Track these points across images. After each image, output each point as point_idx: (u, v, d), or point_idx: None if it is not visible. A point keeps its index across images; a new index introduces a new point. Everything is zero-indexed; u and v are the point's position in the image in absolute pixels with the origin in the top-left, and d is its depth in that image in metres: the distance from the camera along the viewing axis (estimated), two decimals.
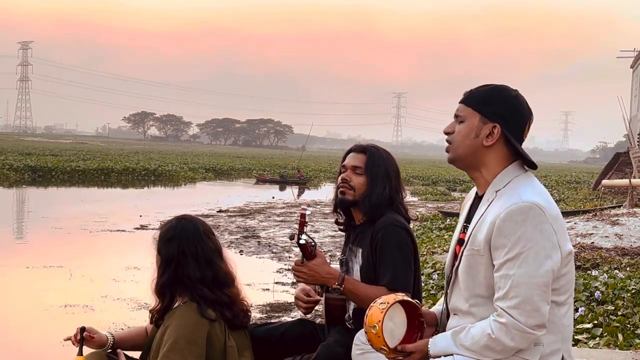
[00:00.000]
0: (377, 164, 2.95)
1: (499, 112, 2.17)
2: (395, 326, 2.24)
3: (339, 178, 2.99)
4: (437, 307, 2.50)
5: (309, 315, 4.51)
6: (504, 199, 2.12)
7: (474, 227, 2.19)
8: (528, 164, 2.21)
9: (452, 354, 2.14)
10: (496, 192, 2.17)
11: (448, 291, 2.31)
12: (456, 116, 2.25)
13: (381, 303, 2.22)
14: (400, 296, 2.27)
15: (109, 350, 2.77)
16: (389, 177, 2.95)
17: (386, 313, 2.18)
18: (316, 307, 3.17)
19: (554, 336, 2.11)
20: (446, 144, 2.30)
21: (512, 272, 2.03)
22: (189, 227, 2.67)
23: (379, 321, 2.16)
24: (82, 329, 2.69)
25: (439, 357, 2.15)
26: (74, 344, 2.71)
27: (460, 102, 2.26)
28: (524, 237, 2.03)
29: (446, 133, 2.27)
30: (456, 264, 2.25)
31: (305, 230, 2.74)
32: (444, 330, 2.29)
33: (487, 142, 2.18)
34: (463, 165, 2.26)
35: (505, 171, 2.19)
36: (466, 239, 2.22)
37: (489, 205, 2.17)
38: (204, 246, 2.66)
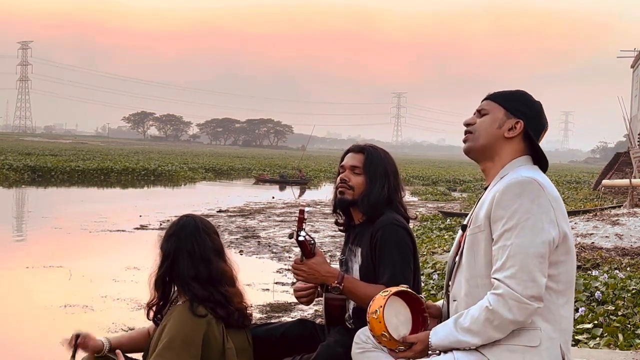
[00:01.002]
0: (375, 163, 2.96)
1: (524, 110, 2.28)
2: (400, 323, 2.25)
3: (338, 178, 3.00)
4: (441, 301, 2.50)
5: (309, 315, 4.49)
6: (505, 178, 2.20)
7: (476, 207, 2.25)
8: (540, 163, 2.28)
9: (451, 350, 2.14)
10: (501, 177, 2.24)
11: (450, 282, 2.33)
12: (478, 111, 2.34)
13: (384, 291, 2.25)
14: (404, 287, 2.28)
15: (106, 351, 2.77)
16: (387, 177, 2.96)
17: (388, 299, 2.19)
18: (316, 307, 3.17)
19: (551, 325, 2.12)
20: (466, 135, 2.35)
21: (509, 242, 2.07)
22: (189, 225, 2.71)
23: (381, 306, 2.17)
24: (77, 336, 2.69)
25: (441, 347, 2.16)
26: (67, 350, 2.71)
27: (484, 99, 2.35)
28: (521, 209, 2.08)
29: (467, 124, 2.35)
30: (460, 248, 2.28)
31: (304, 227, 2.74)
32: None
33: (509, 134, 2.26)
34: (478, 154, 2.32)
35: (514, 161, 2.26)
36: (469, 221, 2.27)
37: (492, 188, 2.23)
38: (201, 244, 2.68)
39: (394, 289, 2.24)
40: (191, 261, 2.65)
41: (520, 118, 2.25)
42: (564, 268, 2.14)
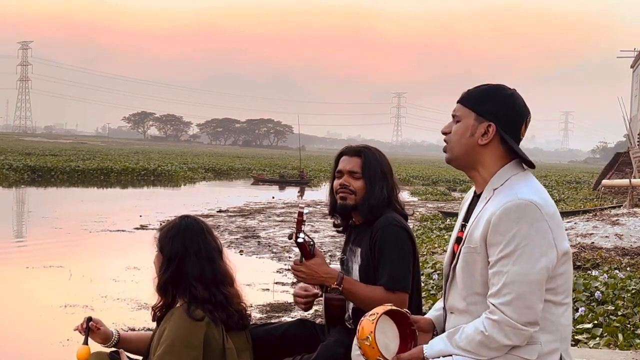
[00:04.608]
0: (374, 166, 2.95)
1: (494, 111, 2.18)
2: (389, 340, 2.24)
3: (337, 184, 2.99)
4: (432, 313, 2.48)
5: (309, 315, 4.48)
6: (500, 196, 2.13)
7: (471, 225, 2.19)
8: (526, 163, 2.22)
9: (450, 355, 2.13)
10: (494, 190, 2.18)
11: (446, 290, 2.32)
12: (453, 116, 2.27)
13: (370, 315, 2.22)
14: (389, 306, 2.26)
15: (112, 349, 2.77)
16: (386, 178, 2.96)
17: (377, 323, 2.17)
18: (316, 307, 3.16)
19: (552, 335, 2.11)
20: (445, 144, 2.31)
21: (506, 269, 2.04)
22: (193, 225, 2.67)
23: (371, 332, 2.15)
24: (89, 319, 2.70)
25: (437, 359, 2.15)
26: (80, 333, 2.72)
27: (457, 102, 2.27)
28: (519, 235, 2.04)
29: (444, 133, 2.29)
30: (454, 262, 2.25)
31: (303, 229, 2.74)
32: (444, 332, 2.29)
33: (482, 141, 2.19)
34: (459, 164, 2.27)
35: (503, 170, 2.20)
36: (464, 237, 2.22)
37: (486, 203, 2.18)
38: (206, 244, 2.65)
39: (380, 311, 2.21)
40: (198, 261, 2.61)
41: (491, 121, 2.17)
42: (563, 279, 2.13)
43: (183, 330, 2.48)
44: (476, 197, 2.29)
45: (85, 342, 2.63)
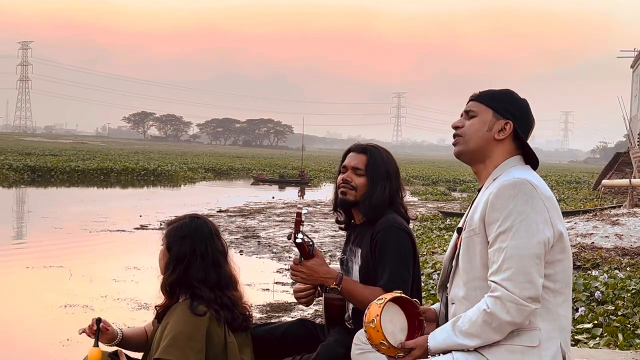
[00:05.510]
0: (378, 165, 2.95)
1: (511, 110, 2.28)
2: (396, 329, 2.24)
3: (340, 178, 2.99)
4: (437, 306, 2.50)
5: (309, 315, 4.49)
6: (498, 180, 2.20)
7: (471, 210, 2.26)
8: (531, 161, 2.29)
9: (450, 351, 2.14)
10: (494, 179, 2.24)
11: (447, 284, 2.33)
12: (466, 112, 2.33)
13: (379, 299, 2.24)
14: (398, 293, 2.28)
15: (113, 349, 2.78)
16: (389, 178, 2.95)
17: (384, 307, 2.19)
18: (316, 307, 3.16)
19: (550, 324, 2.12)
20: (455, 138, 2.35)
21: (505, 244, 2.08)
22: (203, 227, 2.68)
23: (377, 315, 2.16)
24: (99, 320, 2.69)
25: (439, 350, 2.15)
26: (89, 336, 2.71)
27: (471, 100, 2.34)
28: (515, 210, 2.09)
29: (455, 127, 2.34)
30: (457, 251, 2.28)
31: (301, 229, 2.74)
32: None
33: (499, 136, 2.27)
34: (470, 157, 2.32)
35: (506, 162, 2.27)
36: (465, 224, 2.27)
37: (485, 190, 2.23)
38: (213, 247, 2.66)
39: (388, 296, 2.23)
40: (204, 264, 2.62)
41: (508, 118, 2.26)
42: (561, 267, 2.15)
43: (186, 324, 2.50)
44: (478, 191, 2.34)
45: (96, 344, 2.63)
